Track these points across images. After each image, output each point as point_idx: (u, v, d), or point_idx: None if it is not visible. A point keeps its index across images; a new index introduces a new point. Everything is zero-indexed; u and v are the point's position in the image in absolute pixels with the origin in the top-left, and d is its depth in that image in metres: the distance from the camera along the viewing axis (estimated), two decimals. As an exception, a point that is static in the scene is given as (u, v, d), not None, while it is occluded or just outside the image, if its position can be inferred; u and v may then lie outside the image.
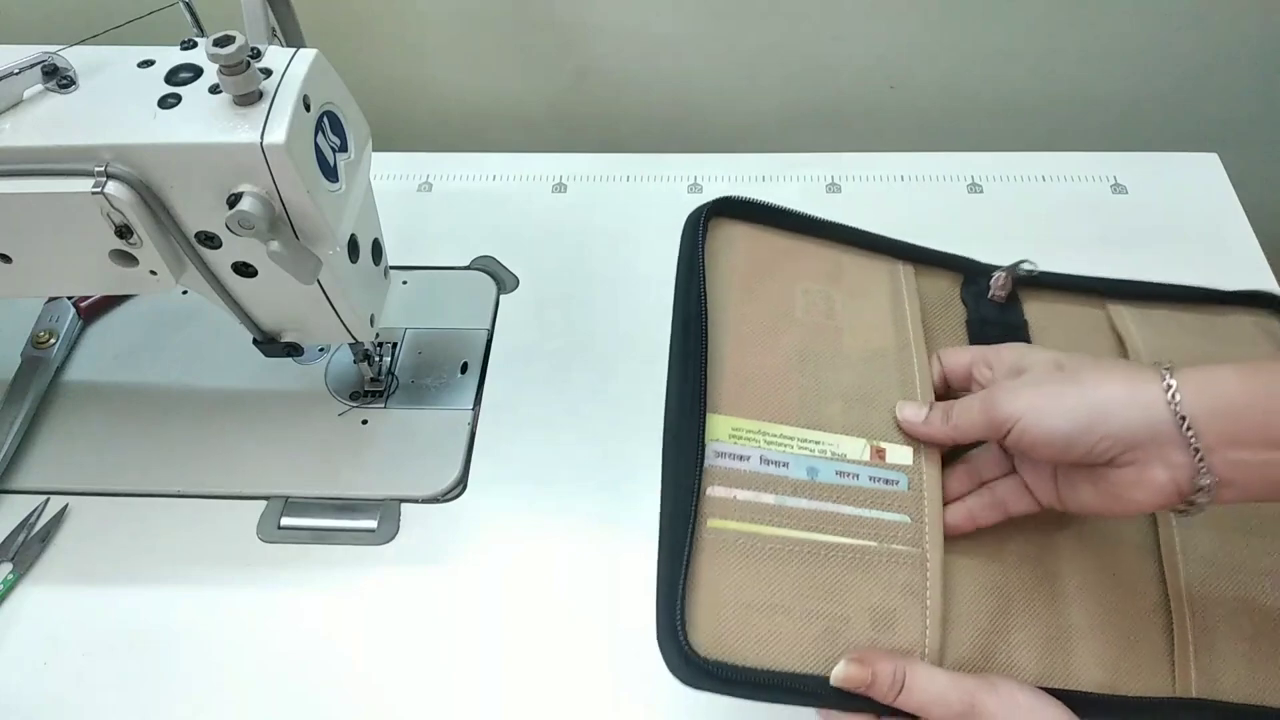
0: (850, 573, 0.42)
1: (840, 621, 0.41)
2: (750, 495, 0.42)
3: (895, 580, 0.42)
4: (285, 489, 0.59)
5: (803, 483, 0.43)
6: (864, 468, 0.44)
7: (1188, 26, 0.80)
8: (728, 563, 0.41)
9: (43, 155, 0.45)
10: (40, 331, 0.66)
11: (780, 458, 0.43)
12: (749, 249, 0.49)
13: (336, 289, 0.52)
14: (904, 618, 0.41)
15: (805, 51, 0.83)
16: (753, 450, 0.43)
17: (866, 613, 0.41)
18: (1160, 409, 0.37)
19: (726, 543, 0.41)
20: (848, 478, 0.43)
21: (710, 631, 0.39)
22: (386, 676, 0.53)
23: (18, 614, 0.55)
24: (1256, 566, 0.46)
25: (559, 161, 0.79)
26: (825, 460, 0.43)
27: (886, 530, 0.43)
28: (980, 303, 0.52)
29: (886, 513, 0.43)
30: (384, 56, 0.85)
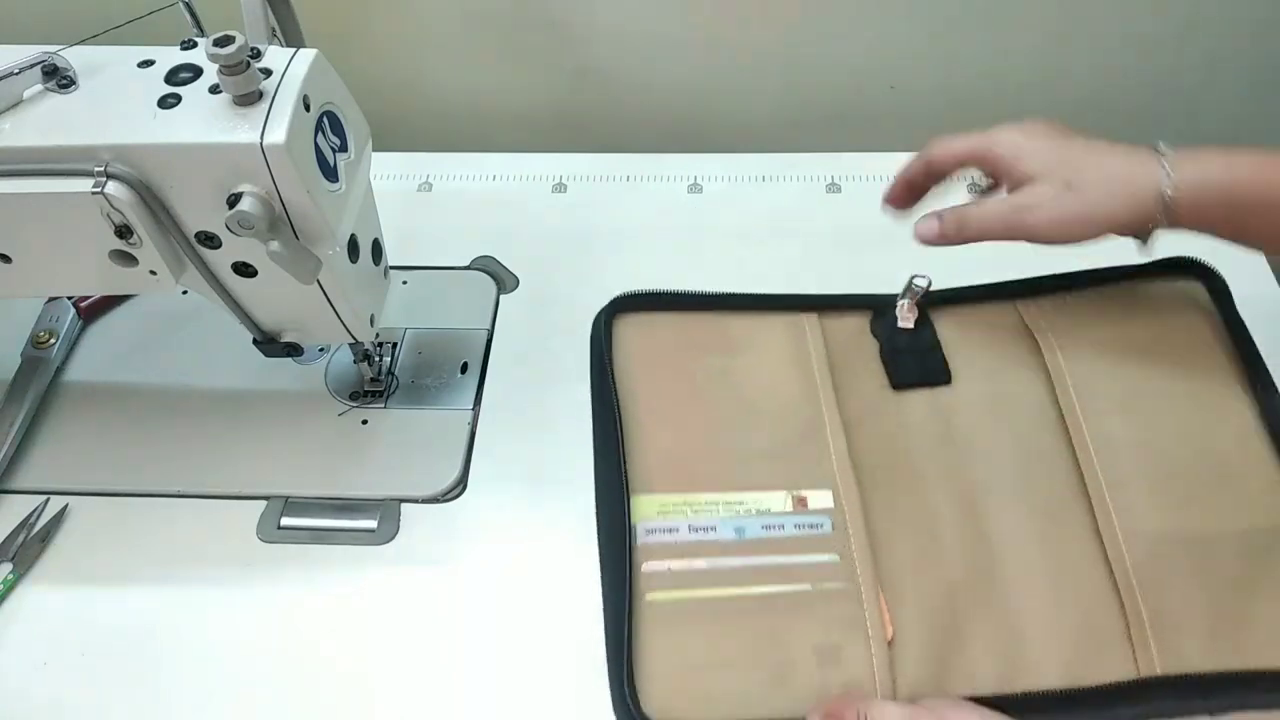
0: (789, 618, 0.44)
1: (787, 666, 0.42)
2: (683, 564, 0.44)
3: (834, 617, 0.44)
4: (285, 489, 0.59)
5: (732, 542, 0.45)
6: (788, 517, 0.46)
7: (1188, 27, 0.80)
8: (669, 631, 0.43)
9: (43, 155, 0.45)
10: (40, 331, 0.66)
11: (707, 524, 0.46)
12: (647, 338, 0.52)
13: (336, 289, 0.52)
14: (849, 651, 0.43)
15: (805, 51, 0.83)
16: (680, 522, 0.45)
17: (811, 652, 0.43)
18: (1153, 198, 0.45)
19: (666, 612, 0.43)
20: (774, 529, 0.46)
21: (661, 699, 0.41)
22: (386, 676, 0.53)
23: (18, 614, 0.55)
24: (1202, 533, 0.46)
25: (559, 161, 0.79)
26: (751, 517, 0.46)
27: (818, 572, 0.45)
28: (892, 334, 0.54)
29: (816, 555, 0.45)
30: (384, 56, 0.85)
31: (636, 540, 0.45)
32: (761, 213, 0.74)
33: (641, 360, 0.51)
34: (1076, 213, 0.46)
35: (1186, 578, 0.45)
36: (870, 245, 0.71)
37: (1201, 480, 0.48)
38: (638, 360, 0.51)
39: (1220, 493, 0.47)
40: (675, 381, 0.50)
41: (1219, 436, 0.49)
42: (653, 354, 0.51)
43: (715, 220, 0.74)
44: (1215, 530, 0.46)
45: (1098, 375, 0.51)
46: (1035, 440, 0.50)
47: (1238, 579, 0.45)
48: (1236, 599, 0.44)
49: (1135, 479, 0.48)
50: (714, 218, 0.75)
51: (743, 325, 0.53)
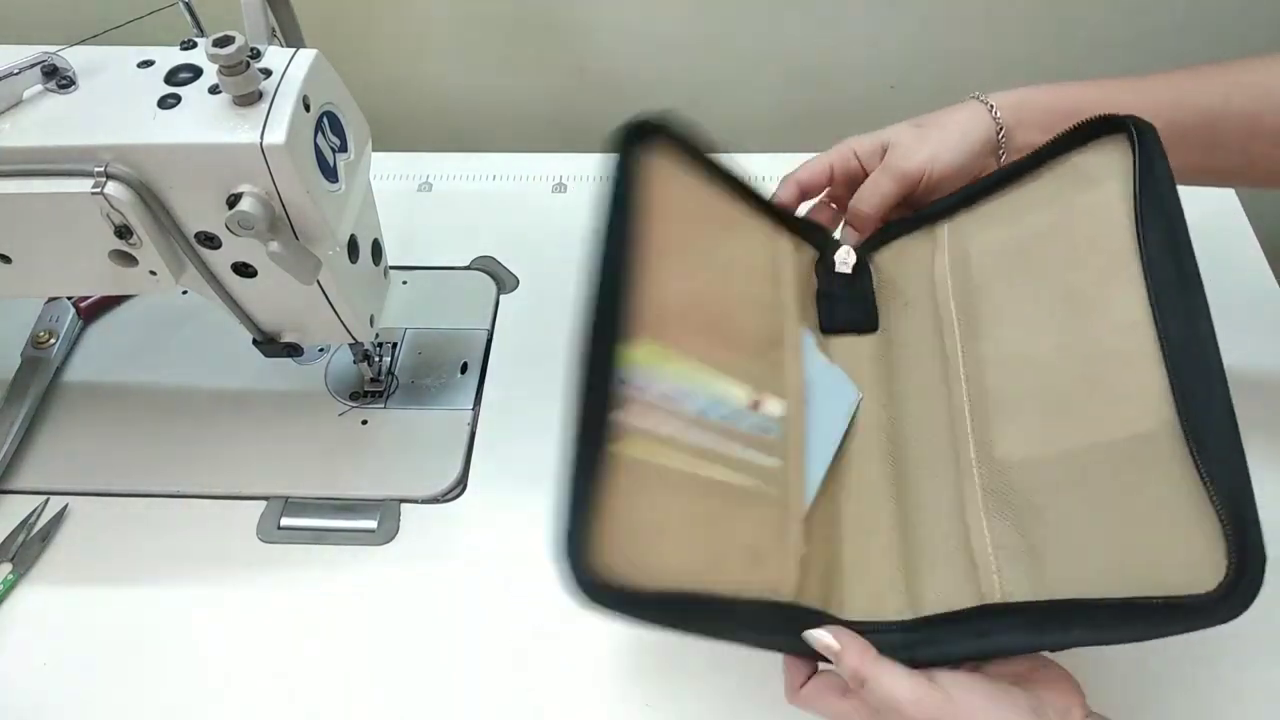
0: (732, 507, 0.43)
1: (720, 555, 0.41)
2: (654, 423, 0.42)
3: (766, 520, 0.44)
4: (285, 489, 0.59)
5: (698, 418, 0.43)
6: (746, 414, 0.45)
7: (1188, 26, 0.80)
8: (625, 483, 0.40)
9: (43, 155, 0.45)
10: (40, 331, 0.66)
11: (682, 388, 0.43)
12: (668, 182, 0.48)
13: (336, 289, 0.52)
14: (771, 558, 0.43)
15: (805, 51, 0.83)
16: (660, 377, 0.43)
17: (743, 549, 0.42)
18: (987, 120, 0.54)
19: (624, 466, 0.40)
20: (734, 420, 0.45)
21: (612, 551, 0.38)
22: (386, 676, 0.53)
23: (18, 614, 0.55)
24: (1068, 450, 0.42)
25: (559, 161, 0.79)
26: (718, 402, 0.45)
27: (763, 472, 0.45)
28: (830, 277, 0.55)
29: (763, 456, 0.45)
30: (384, 56, 0.85)
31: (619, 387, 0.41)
32: (761, 213, 0.74)
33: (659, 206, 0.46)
34: (938, 138, 0.54)
35: (1034, 503, 0.42)
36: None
37: (1069, 390, 0.43)
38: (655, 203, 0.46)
39: (1087, 400, 0.42)
40: (685, 242, 0.47)
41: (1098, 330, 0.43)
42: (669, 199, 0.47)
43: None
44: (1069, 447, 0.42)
45: (980, 290, 0.49)
46: (928, 376, 0.49)
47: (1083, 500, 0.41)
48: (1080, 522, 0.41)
49: (997, 403, 0.45)
50: (714, 218, 0.74)
51: (743, 213, 0.52)
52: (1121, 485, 0.40)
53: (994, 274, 0.48)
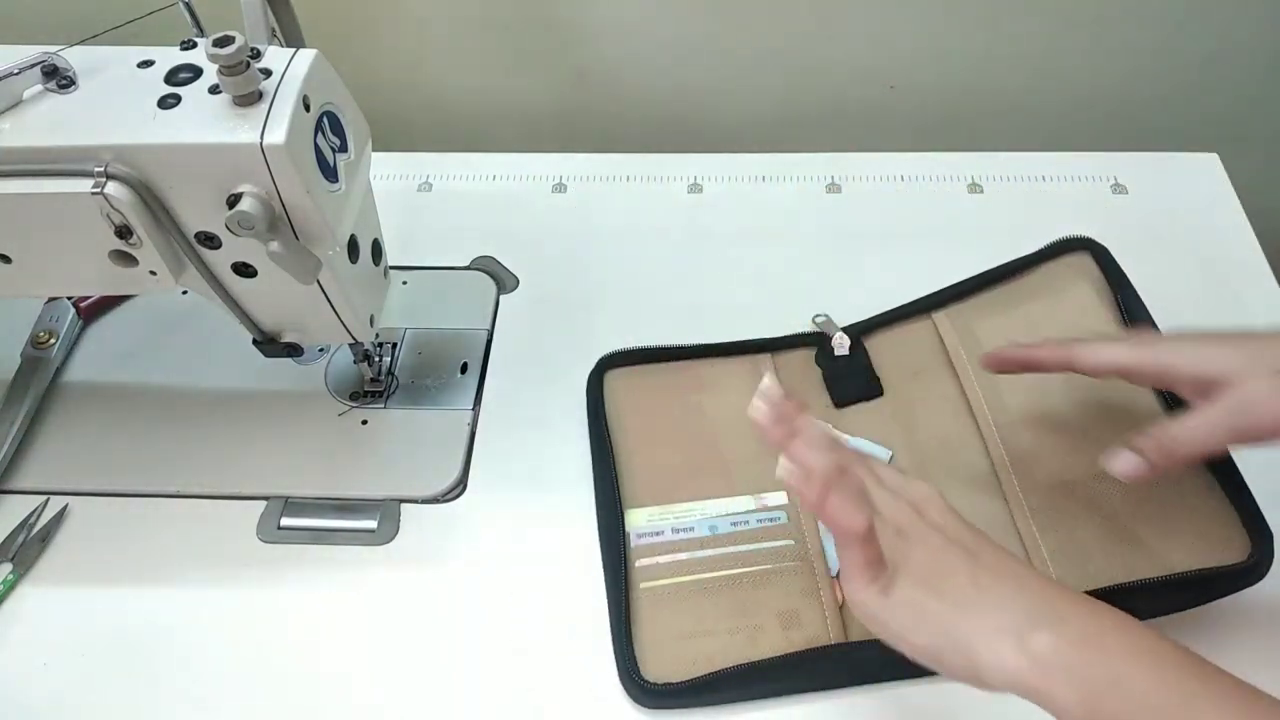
0: (756, 591, 0.53)
1: (756, 629, 0.52)
2: (669, 558, 0.55)
3: (793, 588, 0.53)
4: (285, 489, 0.59)
5: (708, 538, 0.55)
6: (752, 514, 0.56)
7: (1188, 26, 0.80)
8: (660, 611, 0.53)
9: (43, 155, 0.45)
10: (40, 331, 0.66)
11: (687, 525, 0.56)
12: (633, 385, 0.62)
13: (336, 289, 0.52)
14: (805, 614, 0.52)
15: (805, 51, 0.83)
16: (664, 526, 0.56)
17: (775, 618, 0.52)
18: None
19: (657, 596, 0.53)
20: (741, 524, 0.56)
21: (656, 663, 0.51)
22: (386, 676, 0.53)
23: (18, 614, 0.55)
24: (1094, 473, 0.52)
25: (559, 161, 0.79)
26: (722, 517, 0.56)
27: (778, 554, 0.54)
28: (832, 361, 0.63)
29: (776, 541, 0.55)
30: (384, 56, 0.85)
31: (630, 544, 0.55)
32: (761, 213, 0.74)
33: (628, 404, 0.61)
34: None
35: (1079, 514, 0.52)
36: (870, 245, 0.71)
37: (1090, 429, 0.55)
38: (625, 404, 0.61)
39: (1104, 434, 0.51)
40: (656, 417, 0.61)
41: (1100, 387, 0.55)
42: (637, 397, 0.62)
43: (715, 220, 0.74)
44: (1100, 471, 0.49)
45: None
46: (953, 427, 0.59)
47: (1121, 507, 0.52)
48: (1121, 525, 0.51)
49: (1029, 441, 0.56)
50: (714, 218, 0.75)
51: (711, 369, 0.63)
52: (1145, 496, 0.52)
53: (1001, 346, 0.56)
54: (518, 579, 0.56)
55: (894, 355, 0.63)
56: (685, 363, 0.63)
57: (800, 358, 0.64)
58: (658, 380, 0.63)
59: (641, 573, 0.54)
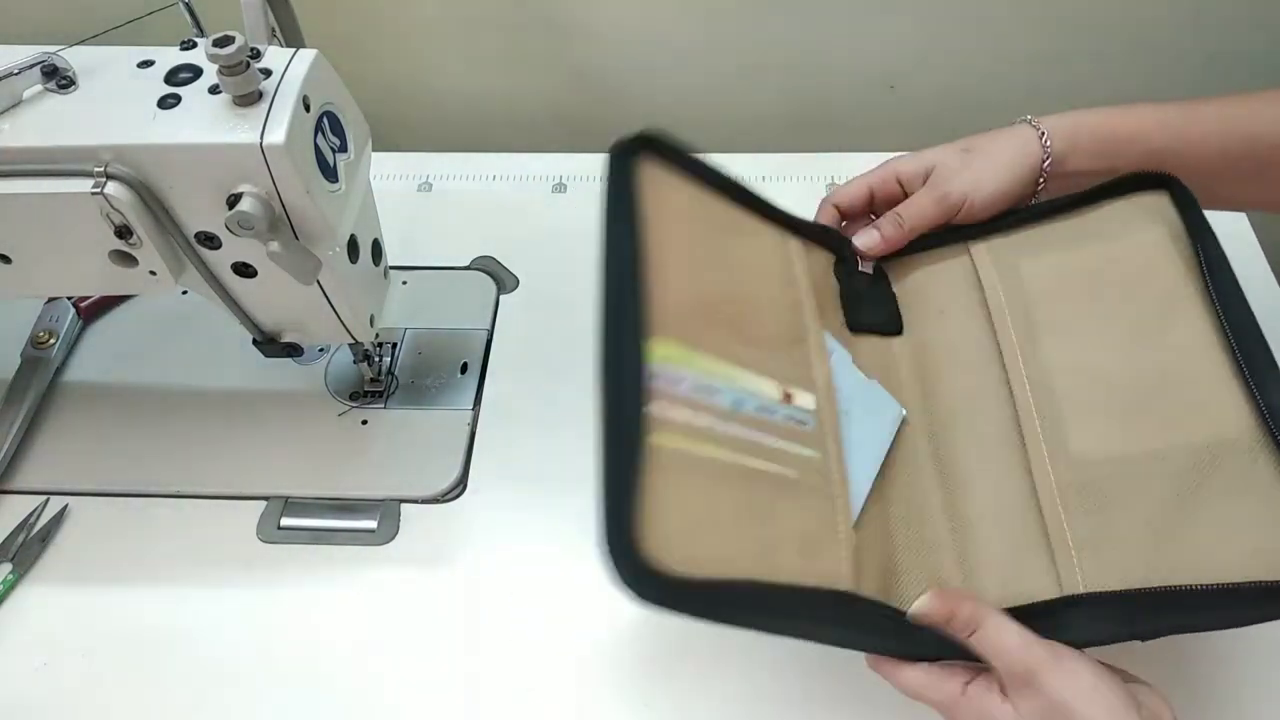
0: (778, 498, 0.43)
1: (772, 543, 0.41)
2: (689, 416, 0.42)
3: (812, 510, 0.44)
4: (285, 489, 0.59)
5: (730, 411, 0.43)
6: (779, 406, 0.46)
7: (1188, 26, 0.80)
8: (669, 477, 0.39)
9: (43, 155, 0.45)
10: (40, 331, 0.66)
11: (711, 384, 0.43)
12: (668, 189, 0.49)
13: (336, 289, 0.52)
14: (825, 547, 0.43)
15: (805, 51, 0.83)
16: (687, 374, 0.43)
17: (794, 538, 0.42)
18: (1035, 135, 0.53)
19: (668, 457, 0.40)
20: (767, 413, 0.45)
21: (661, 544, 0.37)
22: (386, 676, 0.53)
23: (18, 614, 0.55)
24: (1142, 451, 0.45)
25: (559, 161, 0.79)
26: (746, 395, 0.45)
27: (803, 463, 0.45)
28: (852, 277, 0.56)
29: (801, 447, 0.45)
30: (384, 56, 0.85)
31: (651, 379, 0.41)
32: (761, 213, 0.74)
33: (661, 206, 0.47)
34: (983, 166, 0.53)
35: (1118, 497, 0.44)
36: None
37: (1140, 398, 0.46)
38: (657, 205, 0.47)
39: (1160, 409, 0.46)
40: (689, 240, 0.48)
41: (1166, 349, 0.47)
42: (671, 204, 0.48)
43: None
44: (1154, 448, 0.45)
45: (1036, 303, 0.51)
46: (978, 379, 0.50)
47: (1174, 494, 0.43)
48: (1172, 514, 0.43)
49: (1068, 405, 0.47)
50: (714, 218, 0.74)
51: (749, 221, 0.53)
52: (1204, 483, 0.43)
53: (1050, 291, 0.51)
54: (518, 579, 0.56)
55: (920, 287, 0.55)
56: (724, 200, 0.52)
57: (822, 260, 0.55)
58: (696, 204, 0.50)
59: (659, 423, 0.40)
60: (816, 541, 0.43)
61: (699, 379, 0.43)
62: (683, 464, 0.40)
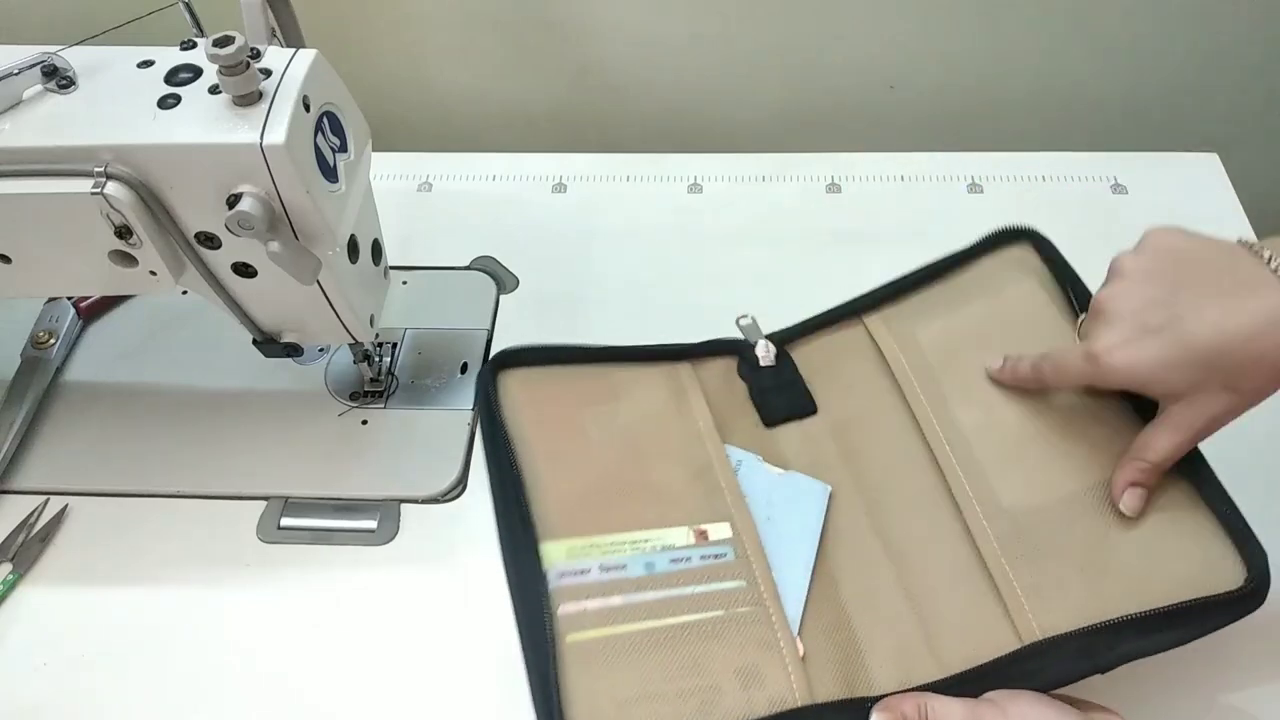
0: (708, 644, 0.45)
1: (712, 691, 0.44)
2: (599, 603, 0.46)
3: (748, 639, 0.45)
4: (285, 489, 0.59)
5: (644, 578, 0.47)
6: (693, 549, 0.48)
7: (1188, 26, 0.80)
8: (593, 669, 0.44)
9: (43, 155, 0.45)
10: (40, 331, 0.66)
11: (617, 562, 0.47)
12: (533, 391, 0.54)
13: (336, 289, 0.52)
14: (767, 671, 0.45)
15: (805, 51, 0.83)
16: (590, 563, 0.47)
17: (733, 676, 0.44)
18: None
19: (588, 651, 0.44)
20: (681, 562, 0.47)
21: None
22: (386, 676, 0.53)
23: (18, 614, 0.55)
24: (1060, 496, 0.47)
25: (559, 161, 0.79)
26: (657, 553, 0.48)
27: (728, 598, 0.47)
28: (757, 374, 0.56)
29: (724, 583, 0.47)
30: (384, 56, 0.85)
31: (550, 586, 0.47)
32: (761, 213, 0.75)
33: (530, 413, 0.53)
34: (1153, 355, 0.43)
35: (1050, 543, 0.46)
36: (870, 245, 0.71)
37: (1050, 444, 0.49)
38: (527, 413, 0.53)
39: (1070, 451, 0.48)
40: (566, 431, 0.52)
41: (1061, 394, 0.50)
42: (541, 406, 0.53)
43: (715, 220, 0.74)
44: (1071, 490, 0.47)
45: (938, 369, 0.53)
46: (900, 448, 0.52)
47: (1097, 532, 0.46)
48: (1100, 552, 0.45)
49: (987, 461, 0.49)
50: (714, 218, 0.75)
51: (624, 376, 0.55)
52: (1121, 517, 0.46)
53: (947, 354, 0.53)
54: (518, 579, 0.56)
55: (826, 365, 0.56)
56: (593, 367, 0.56)
57: (722, 368, 0.57)
58: (564, 387, 0.54)
59: (567, 622, 0.45)
60: (757, 669, 0.45)
61: (604, 560, 0.47)
62: (600, 653, 0.44)
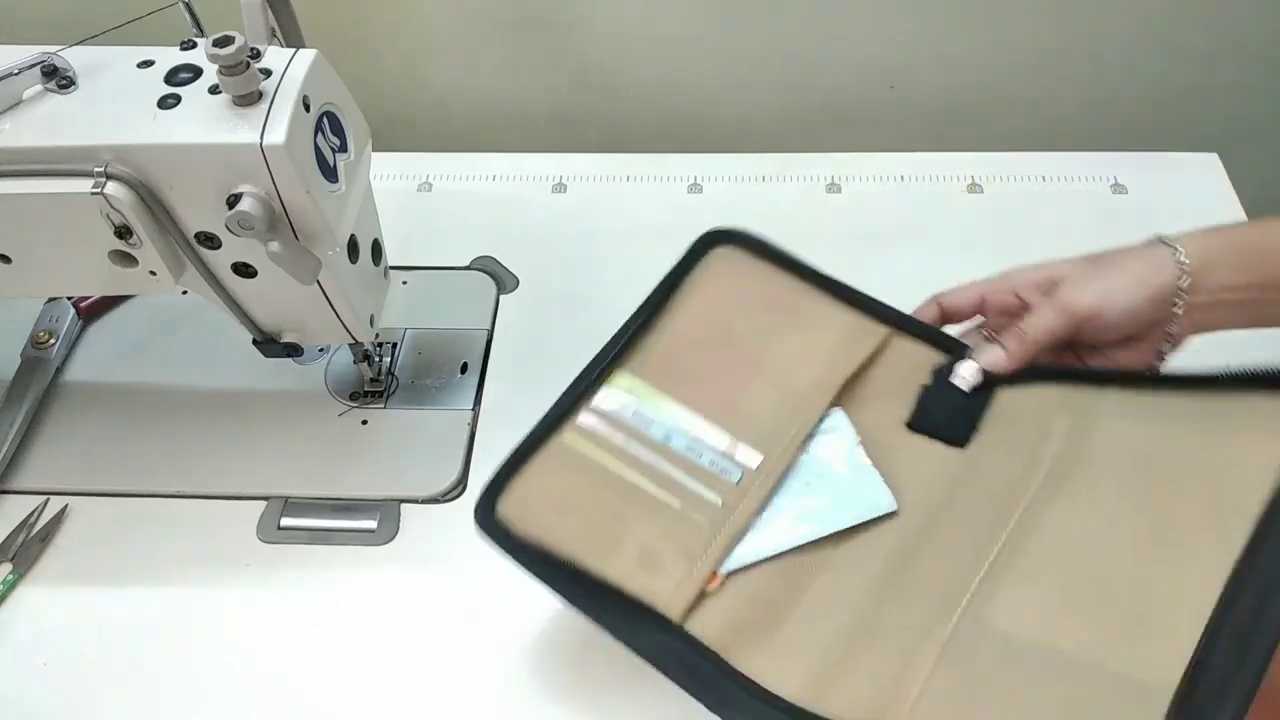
0: (645, 513, 0.47)
1: (613, 544, 0.46)
2: (609, 432, 0.49)
3: (678, 536, 0.46)
4: (285, 489, 0.59)
5: (654, 442, 0.49)
6: (712, 452, 0.49)
7: (1189, 26, 0.80)
8: (553, 468, 0.48)
9: (43, 155, 0.45)
10: (40, 331, 0.66)
11: (652, 418, 0.49)
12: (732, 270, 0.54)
13: (336, 289, 0.52)
14: (667, 569, 0.45)
15: (805, 51, 0.83)
16: (633, 404, 0.50)
17: (639, 548, 0.46)
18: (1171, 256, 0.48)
19: (564, 454, 0.48)
20: (693, 453, 0.49)
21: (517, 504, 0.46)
22: (386, 676, 0.53)
23: (18, 614, 0.55)
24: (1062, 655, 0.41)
25: (559, 161, 0.79)
26: (686, 436, 0.49)
27: (694, 502, 0.47)
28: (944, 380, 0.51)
29: (706, 489, 0.48)
30: (384, 56, 0.85)
31: (594, 397, 0.50)
32: (761, 213, 0.74)
33: (716, 285, 0.54)
34: (1112, 275, 0.49)
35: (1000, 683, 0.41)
36: (870, 245, 0.71)
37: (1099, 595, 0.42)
38: (713, 282, 0.54)
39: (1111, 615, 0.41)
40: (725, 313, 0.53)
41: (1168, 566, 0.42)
42: (725, 281, 0.54)
43: (716, 220, 0.74)
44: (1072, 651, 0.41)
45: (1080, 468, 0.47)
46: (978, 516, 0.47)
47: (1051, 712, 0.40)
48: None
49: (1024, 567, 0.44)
50: (714, 218, 0.74)
51: (814, 305, 0.54)
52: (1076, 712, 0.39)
53: (1106, 459, 0.47)
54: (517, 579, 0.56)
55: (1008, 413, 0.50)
56: (796, 282, 0.54)
57: (914, 355, 0.52)
58: (758, 280, 0.54)
59: (576, 428, 0.49)
60: (660, 561, 0.45)
61: (642, 411, 0.50)
62: (571, 460, 0.48)
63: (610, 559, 0.45)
